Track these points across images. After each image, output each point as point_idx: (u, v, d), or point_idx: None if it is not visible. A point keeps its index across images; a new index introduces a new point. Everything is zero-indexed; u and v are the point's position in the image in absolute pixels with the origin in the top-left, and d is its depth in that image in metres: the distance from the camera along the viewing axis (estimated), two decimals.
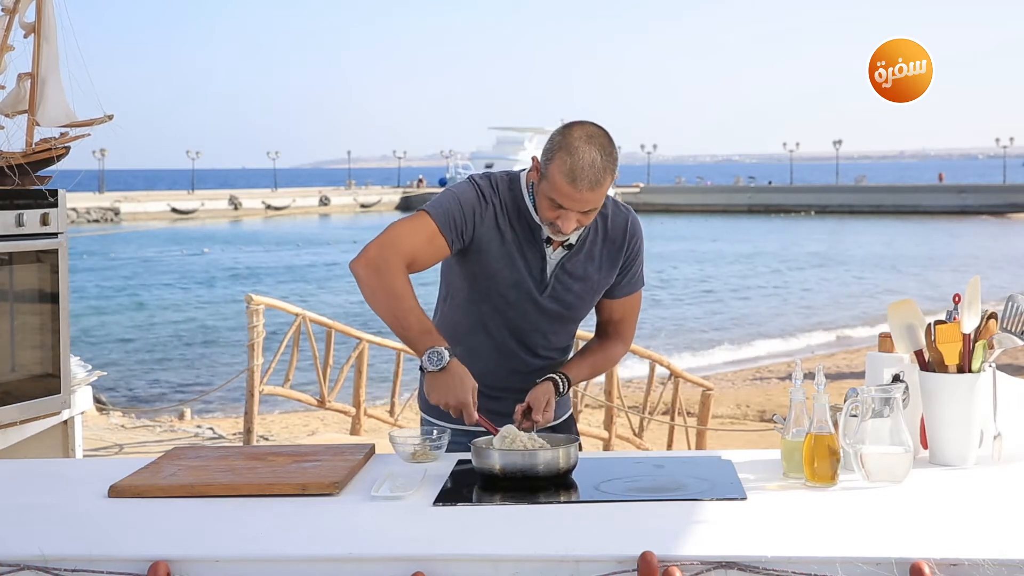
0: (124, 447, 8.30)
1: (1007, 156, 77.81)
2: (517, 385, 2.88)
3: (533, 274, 2.84)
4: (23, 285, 3.61)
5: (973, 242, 42.73)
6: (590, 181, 2.64)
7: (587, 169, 2.64)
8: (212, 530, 2.12)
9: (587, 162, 2.64)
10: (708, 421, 9.00)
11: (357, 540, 2.05)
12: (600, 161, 2.65)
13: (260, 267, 34.55)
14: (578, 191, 2.65)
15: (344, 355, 9.15)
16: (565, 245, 2.85)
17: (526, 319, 2.87)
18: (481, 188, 2.83)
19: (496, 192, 2.83)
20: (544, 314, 2.88)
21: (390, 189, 78.12)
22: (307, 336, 8.64)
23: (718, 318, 23.64)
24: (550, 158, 2.68)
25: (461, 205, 2.78)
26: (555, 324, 2.91)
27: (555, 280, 2.85)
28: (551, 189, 2.68)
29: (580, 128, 2.70)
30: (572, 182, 2.64)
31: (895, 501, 2.23)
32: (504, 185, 2.85)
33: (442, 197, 2.82)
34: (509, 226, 2.82)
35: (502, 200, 2.83)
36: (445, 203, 2.78)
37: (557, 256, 2.85)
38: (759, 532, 2.05)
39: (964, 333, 2.47)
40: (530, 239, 2.83)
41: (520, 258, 2.83)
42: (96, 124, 3.70)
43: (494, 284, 2.83)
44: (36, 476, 2.63)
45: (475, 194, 2.81)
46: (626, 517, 2.16)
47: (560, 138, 2.69)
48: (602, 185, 2.67)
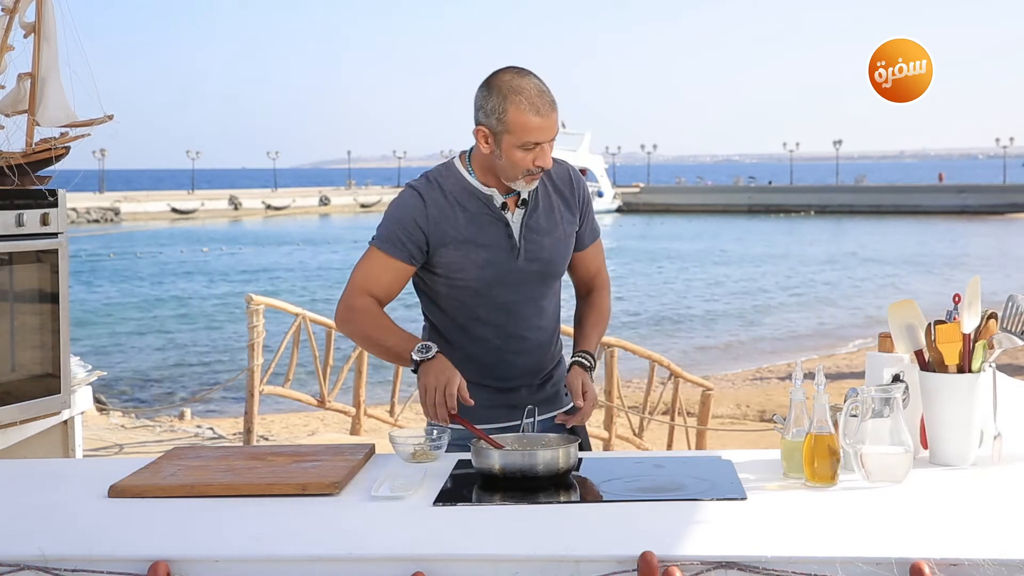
0: (124, 447, 8.30)
1: (1007, 156, 77.81)
2: (527, 370, 2.91)
3: (502, 243, 2.86)
4: (23, 285, 3.61)
5: (973, 242, 42.72)
6: (550, 103, 2.75)
7: (542, 95, 2.74)
8: (212, 530, 2.12)
9: (536, 90, 2.74)
10: (708, 421, 9.00)
11: (357, 540, 2.05)
12: (543, 85, 2.76)
13: (260, 267, 34.55)
14: (546, 118, 2.73)
15: (344, 355, 9.15)
16: (520, 204, 2.88)
17: (512, 291, 2.88)
18: (418, 189, 2.87)
19: (434, 185, 2.87)
20: (527, 279, 2.90)
21: (390, 189, 78.12)
22: (307, 336, 8.64)
23: (718, 317, 23.63)
24: (503, 111, 2.73)
25: (401, 219, 2.84)
26: (540, 286, 2.93)
27: (525, 241, 2.88)
28: (521, 134, 2.72)
29: (504, 72, 2.78)
30: (537, 112, 2.72)
31: (895, 501, 2.23)
32: (440, 174, 2.90)
33: (384, 220, 2.89)
34: (461, 209, 2.85)
35: (443, 189, 2.86)
36: (386, 227, 2.87)
37: (519, 218, 2.88)
38: (759, 532, 2.05)
39: (964, 333, 2.47)
40: (486, 212, 2.86)
41: (483, 234, 2.85)
42: (96, 124, 3.70)
43: (469, 270, 2.85)
44: (36, 476, 2.63)
45: (413, 199, 2.86)
46: (626, 517, 2.16)
47: (495, 89, 2.75)
48: (556, 105, 2.77)
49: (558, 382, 3.00)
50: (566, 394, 2.99)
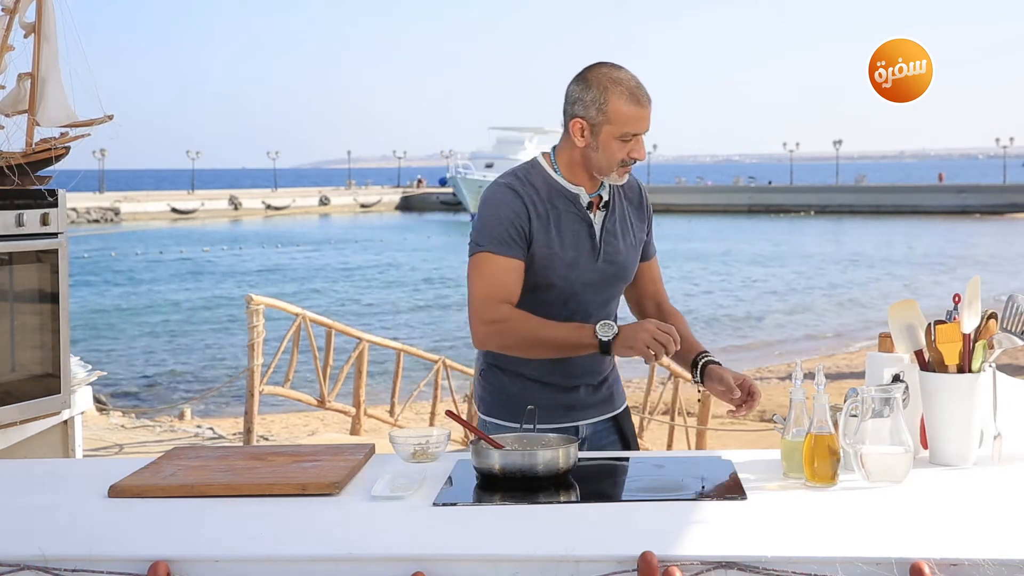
0: (124, 447, 8.30)
1: (1007, 156, 77.82)
2: (588, 370, 2.93)
3: (584, 243, 2.87)
4: (23, 285, 3.61)
5: (973, 242, 42.72)
6: (647, 95, 2.80)
7: (640, 87, 2.79)
8: (212, 530, 2.12)
9: (635, 81, 2.79)
10: (708, 421, 9.00)
11: (357, 540, 2.05)
12: (636, 76, 2.81)
13: (260, 267, 34.56)
14: (644, 107, 2.78)
15: (344, 355, 9.15)
16: (602, 206, 2.90)
17: (589, 291, 2.89)
18: (512, 186, 2.85)
19: (525, 182, 2.86)
20: (603, 280, 2.91)
21: (390, 189, 78.18)
22: (307, 336, 8.64)
23: (719, 317, 23.64)
24: (604, 101, 2.76)
25: (506, 218, 2.81)
26: (612, 288, 2.95)
27: (604, 243, 2.90)
28: (621, 124, 2.76)
29: (600, 66, 2.81)
30: (637, 103, 2.76)
31: (895, 501, 2.23)
32: (529, 172, 2.89)
33: (485, 223, 2.83)
34: (551, 207, 2.85)
35: (534, 186, 2.86)
36: (494, 229, 2.80)
37: (600, 219, 2.90)
38: (759, 532, 2.05)
39: (964, 333, 2.47)
40: (572, 211, 2.87)
41: (571, 233, 2.86)
42: (96, 124, 3.69)
43: (555, 268, 2.84)
44: (36, 476, 2.63)
45: (511, 196, 2.83)
46: (626, 517, 2.16)
47: (594, 81, 2.77)
48: (651, 97, 2.81)
49: (612, 384, 3.02)
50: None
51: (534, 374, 2.88)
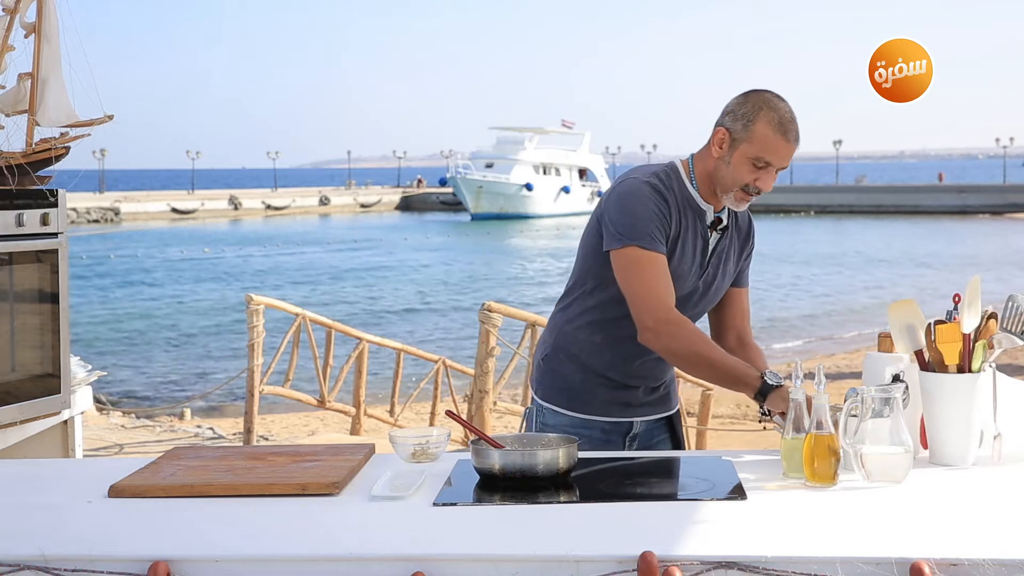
0: (124, 447, 8.30)
1: (1007, 156, 77.82)
2: (651, 374, 2.96)
3: (696, 260, 2.88)
4: (23, 285, 3.61)
5: (973, 242, 42.73)
6: (796, 133, 2.76)
7: (793, 122, 2.75)
8: (212, 530, 2.12)
9: (790, 115, 2.76)
10: (708, 421, 9.00)
11: (357, 540, 2.05)
12: (794, 114, 2.77)
13: (260, 267, 34.56)
14: (788, 143, 2.74)
15: (344, 355, 9.15)
16: (720, 229, 2.91)
17: (680, 304, 2.86)
18: (655, 187, 2.84)
19: (666, 186, 2.86)
20: (696, 299, 2.92)
21: (390, 189, 78.17)
22: (307, 336, 8.64)
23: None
24: (752, 119, 2.74)
25: (651, 213, 2.79)
26: (702, 309, 2.98)
27: (710, 264, 2.91)
28: (759, 148, 2.74)
29: (765, 90, 2.80)
30: (783, 134, 2.73)
31: (895, 501, 2.23)
32: (669, 176, 2.88)
33: (631, 219, 2.78)
34: (681, 215, 2.85)
35: (674, 191, 2.86)
36: (642, 225, 2.77)
37: (714, 240, 2.91)
38: (759, 532, 2.05)
39: (964, 333, 2.47)
40: (696, 225, 2.88)
41: (689, 247, 2.87)
42: (96, 124, 3.69)
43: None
44: (36, 476, 2.63)
45: (654, 194, 2.82)
46: (626, 517, 2.16)
47: (755, 99, 2.76)
48: (799, 139, 2.76)
49: (669, 386, 3.06)
50: None
51: (599, 368, 2.91)
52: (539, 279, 30.59)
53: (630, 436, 2.98)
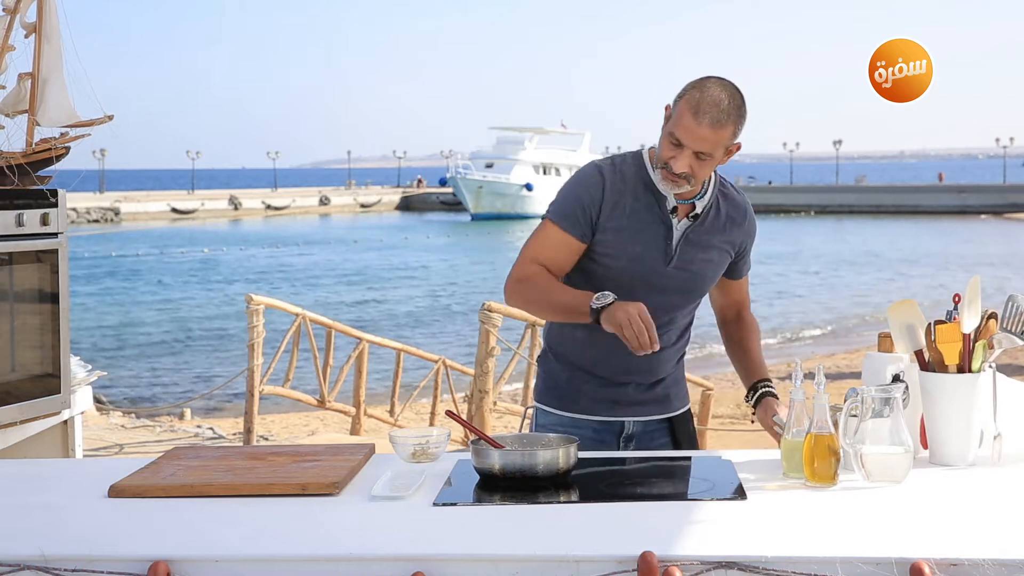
0: (124, 447, 8.30)
1: (1007, 156, 77.87)
2: (640, 370, 2.91)
3: (658, 245, 2.86)
4: (23, 285, 3.61)
5: (973, 242, 42.73)
6: (711, 118, 2.70)
7: (712, 107, 2.71)
8: (212, 530, 2.12)
9: (713, 100, 2.71)
10: (708, 421, 9.01)
11: (357, 540, 2.05)
12: (726, 104, 2.72)
13: (260, 267, 34.56)
14: (699, 125, 2.70)
15: (344, 355, 9.15)
16: (691, 216, 2.88)
17: (654, 294, 2.86)
18: (602, 169, 2.88)
19: (617, 170, 2.88)
20: (670, 287, 2.89)
21: (390, 189, 78.19)
22: (307, 336, 8.64)
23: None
24: (681, 96, 2.76)
25: (579, 196, 2.84)
26: (680, 298, 2.93)
27: (679, 251, 2.88)
28: (674, 124, 2.74)
29: (717, 77, 2.79)
30: (695, 115, 2.70)
31: (895, 501, 2.23)
32: (628, 162, 2.90)
33: (562, 194, 2.89)
34: (633, 199, 2.85)
35: (624, 175, 2.87)
36: (564, 201, 2.86)
37: (683, 227, 2.88)
38: (759, 532, 2.05)
39: (964, 333, 2.47)
40: (655, 211, 2.86)
41: (644, 231, 2.85)
42: (96, 124, 3.70)
43: (620, 260, 2.85)
44: (36, 476, 2.63)
45: (594, 177, 2.86)
46: (626, 517, 2.16)
47: (696, 80, 2.78)
48: (723, 128, 2.72)
49: (669, 386, 3.00)
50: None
51: (585, 364, 2.90)
52: None
53: (624, 436, 2.93)
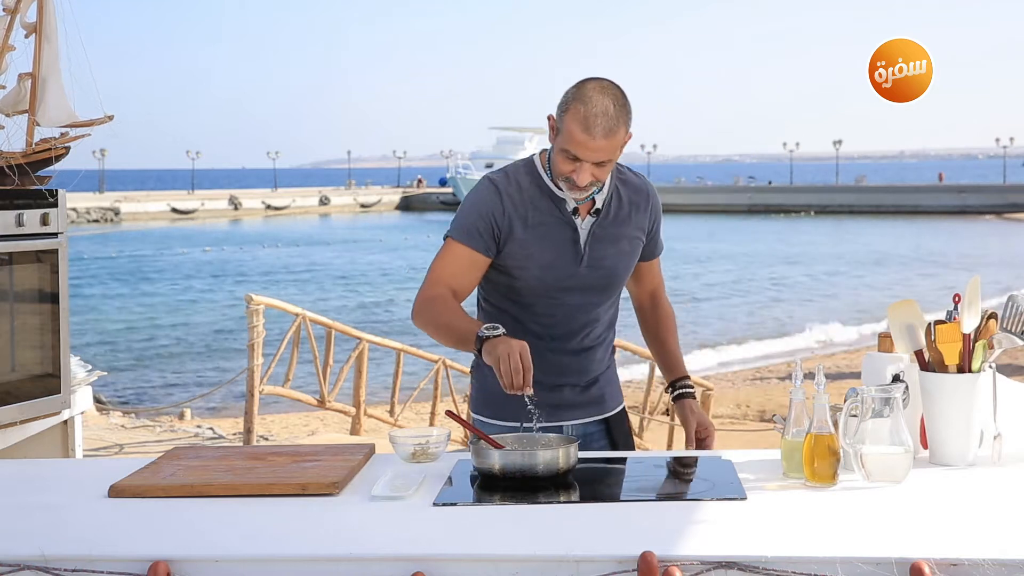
0: (124, 447, 8.30)
1: (1007, 156, 77.87)
2: (573, 371, 2.92)
3: (567, 248, 2.86)
4: (23, 285, 3.61)
5: (973, 242, 42.73)
6: (604, 129, 2.69)
7: (600, 117, 2.69)
8: (212, 530, 2.12)
9: (600, 110, 2.69)
10: None
11: (357, 540, 2.05)
12: (613, 110, 2.70)
13: (260, 267, 34.55)
14: (592, 139, 2.69)
15: (344, 355, 9.15)
16: (593, 212, 2.87)
17: (571, 296, 2.88)
18: (495, 182, 2.87)
19: (511, 181, 2.87)
20: (587, 286, 2.90)
21: (390, 189, 78.18)
22: (307, 336, 8.64)
23: (718, 317, 23.63)
24: (564, 110, 2.73)
25: (479, 212, 2.84)
26: (598, 295, 2.93)
27: (589, 249, 2.88)
28: (566, 140, 2.72)
29: (594, 81, 2.76)
30: (586, 130, 2.68)
31: (895, 501, 2.23)
32: (520, 171, 2.90)
33: (461, 212, 2.89)
34: (533, 208, 2.85)
35: (520, 185, 2.86)
36: (464, 219, 2.86)
37: (587, 225, 2.88)
38: (759, 532, 2.05)
39: (964, 333, 2.47)
40: (556, 214, 2.86)
41: (551, 236, 2.85)
42: (96, 124, 3.70)
43: (531, 269, 2.85)
44: (36, 476, 2.63)
45: (490, 191, 2.86)
46: (626, 517, 2.16)
47: (574, 90, 2.75)
48: (615, 135, 2.71)
49: (604, 386, 3.00)
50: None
51: None
52: None
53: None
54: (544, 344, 2.87)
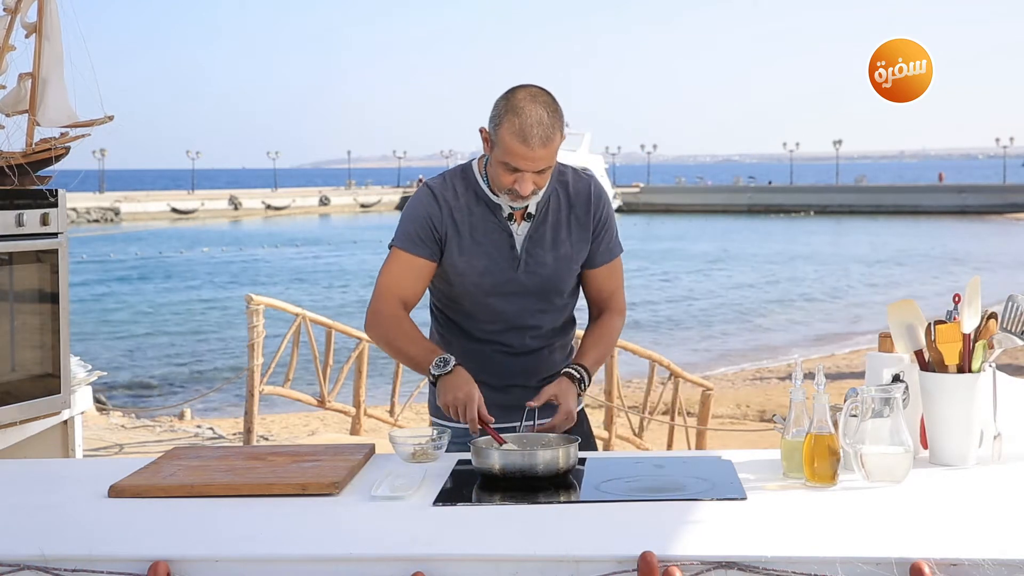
0: (124, 447, 8.30)
1: (1007, 156, 77.88)
2: (523, 372, 2.92)
3: (503, 253, 2.87)
4: (23, 285, 3.61)
5: (973, 242, 42.72)
6: (540, 138, 2.69)
7: (535, 127, 2.69)
8: (212, 530, 2.12)
9: (535, 120, 2.69)
10: (708, 421, 9.01)
11: (357, 540, 2.05)
12: (547, 118, 2.71)
13: (260, 267, 34.55)
14: (531, 150, 2.69)
15: (344, 355, 9.15)
16: (526, 217, 2.87)
17: (510, 301, 2.89)
18: (432, 188, 2.89)
19: (448, 186, 2.88)
20: (526, 291, 2.90)
21: (390, 189, 78.14)
22: (307, 336, 8.64)
23: (719, 317, 23.63)
24: (498, 123, 2.73)
25: (417, 217, 2.86)
26: (539, 300, 2.93)
27: (526, 254, 2.88)
28: (504, 153, 2.72)
29: (523, 90, 2.76)
30: (524, 141, 2.69)
31: (895, 501, 2.23)
32: (456, 176, 2.91)
33: (402, 220, 2.91)
34: (469, 213, 2.86)
35: (456, 191, 2.87)
36: (405, 227, 2.88)
37: (523, 230, 2.88)
38: (759, 532, 2.05)
39: (964, 333, 2.47)
40: (492, 220, 2.87)
41: (487, 242, 2.86)
42: (96, 124, 3.70)
43: (468, 275, 2.86)
44: (36, 476, 2.63)
45: (427, 197, 2.88)
46: (626, 517, 2.16)
47: (505, 102, 2.74)
48: (552, 142, 2.72)
49: None
50: None
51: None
52: None
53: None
54: (488, 347, 2.90)
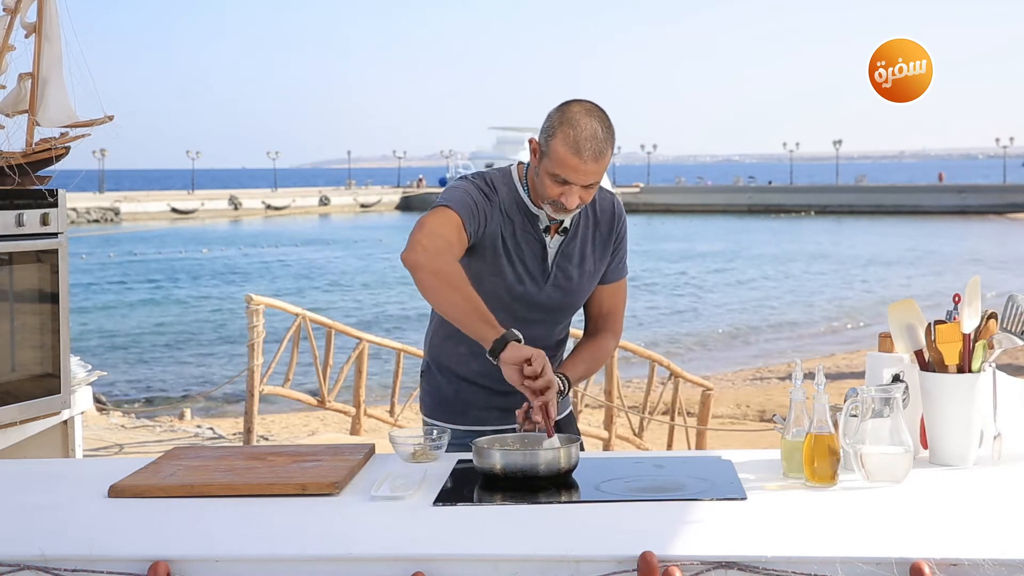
0: (124, 447, 8.30)
1: (1007, 156, 77.89)
2: None
3: (536, 264, 2.85)
4: (23, 285, 3.61)
5: (973, 242, 42.73)
6: (593, 152, 2.68)
7: (590, 140, 2.68)
8: (212, 530, 2.12)
9: (589, 133, 2.68)
10: (708, 421, 9.01)
11: (357, 540, 2.05)
12: (601, 133, 2.70)
13: (260, 267, 34.55)
14: (583, 162, 2.68)
15: (344, 355, 9.15)
16: (560, 231, 2.86)
17: (531, 311, 2.87)
18: (482, 187, 2.83)
19: (494, 189, 2.84)
20: (549, 304, 2.89)
21: (390, 189, 78.15)
22: (307, 336, 8.64)
23: (719, 317, 23.63)
24: (552, 135, 2.71)
25: (475, 200, 2.77)
26: (556, 314, 2.92)
27: (556, 268, 2.87)
28: (555, 164, 2.70)
29: (578, 104, 2.75)
30: (577, 153, 2.67)
31: (895, 501, 2.23)
32: (499, 180, 2.87)
33: (454, 193, 2.77)
34: (509, 220, 2.83)
35: (500, 196, 2.84)
36: (461, 197, 2.75)
37: (556, 243, 2.87)
38: (759, 532, 2.05)
39: (964, 333, 2.47)
40: (529, 230, 2.85)
41: (524, 251, 2.84)
42: (96, 124, 3.70)
43: (500, 280, 2.83)
44: (36, 476, 2.63)
45: (480, 192, 2.81)
46: (626, 517, 2.16)
47: (559, 114, 2.73)
48: (604, 157, 2.71)
49: None
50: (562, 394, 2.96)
51: (469, 375, 2.87)
52: None
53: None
54: None
